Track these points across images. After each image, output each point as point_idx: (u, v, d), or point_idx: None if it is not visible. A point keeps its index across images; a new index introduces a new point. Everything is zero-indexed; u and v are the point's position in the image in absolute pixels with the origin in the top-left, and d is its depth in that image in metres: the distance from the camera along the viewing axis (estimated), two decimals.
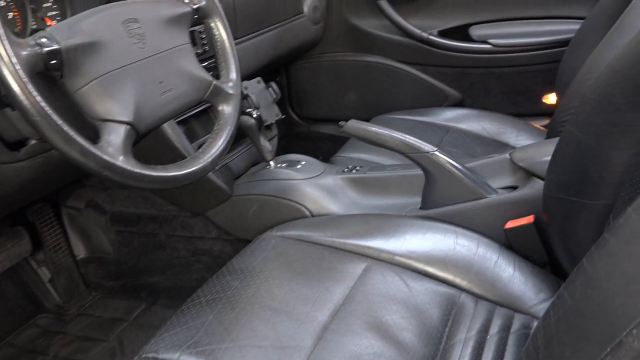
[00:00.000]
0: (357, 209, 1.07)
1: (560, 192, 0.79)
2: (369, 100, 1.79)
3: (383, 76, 1.73)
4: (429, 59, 1.64)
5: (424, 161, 0.97)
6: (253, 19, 1.39)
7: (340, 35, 1.76)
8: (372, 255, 0.91)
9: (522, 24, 1.55)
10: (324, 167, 1.17)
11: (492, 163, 1.00)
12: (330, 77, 1.82)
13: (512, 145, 1.46)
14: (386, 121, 1.54)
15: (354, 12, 1.71)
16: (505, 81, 1.60)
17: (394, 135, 0.98)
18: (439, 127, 1.50)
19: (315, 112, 1.89)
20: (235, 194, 1.16)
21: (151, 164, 0.74)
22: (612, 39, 0.97)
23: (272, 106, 1.25)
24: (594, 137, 0.73)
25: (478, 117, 1.52)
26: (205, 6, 0.87)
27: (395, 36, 1.67)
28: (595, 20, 1.33)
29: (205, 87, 0.82)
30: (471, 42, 1.59)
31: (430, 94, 1.69)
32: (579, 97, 1.00)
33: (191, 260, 1.24)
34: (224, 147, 0.81)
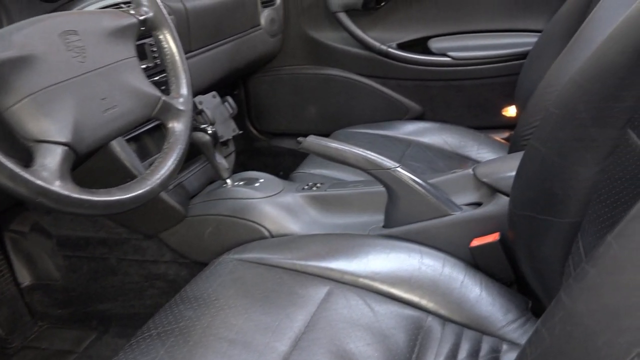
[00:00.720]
0: (318, 228, 1.03)
1: (525, 210, 0.77)
2: (329, 114, 1.75)
3: (342, 89, 1.70)
4: (389, 71, 1.62)
5: (385, 178, 0.94)
6: (208, 31, 1.34)
7: (298, 47, 1.72)
8: (335, 278, 0.87)
9: (480, 37, 1.55)
10: (283, 184, 1.12)
11: (455, 179, 0.98)
12: (289, 91, 1.78)
13: (473, 158, 1.45)
14: (347, 135, 1.51)
15: (312, 24, 1.69)
16: (465, 94, 1.59)
17: (355, 151, 0.94)
18: (401, 141, 1.48)
19: (275, 126, 1.85)
20: (190, 214, 1.10)
21: (99, 185, 0.68)
22: (571, 52, 0.97)
23: (228, 121, 1.20)
24: (558, 153, 0.71)
25: (439, 131, 1.51)
26: (152, 18, 0.81)
27: (354, 49, 1.64)
28: (552, 33, 1.34)
29: (153, 103, 0.77)
30: (431, 54, 1.58)
31: (391, 107, 1.67)
32: (541, 110, 0.99)
33: (144, 285, 1.17)
34: (174, 167, 0.76)
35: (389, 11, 1.61)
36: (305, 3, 1.67)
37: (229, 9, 1.42)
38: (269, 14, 1.62)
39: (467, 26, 1.56)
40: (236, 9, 1.46)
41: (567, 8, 1.30)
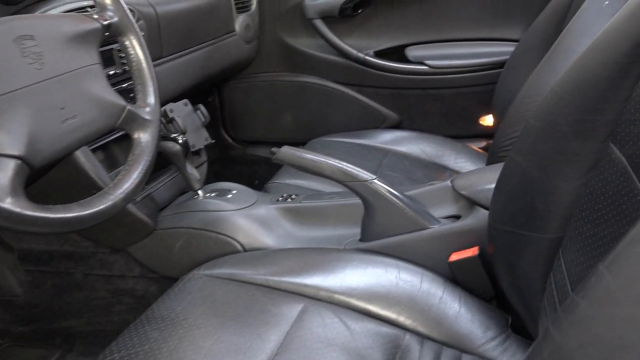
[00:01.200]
0: (293, 241, 1.00)
1: (505, 224, 0.75)
2: (305, 122, 1.72)
3: (319, 97, 1.67)
4: (366, 79, 1.60)
5: (362, 190, 0.91)
6: (180, 36, 1.30)
7: (274, 54, 1.69)
8: (310, 295, 0.83)
9: (458, 46, 1.54)
10: (256, 196, 1.09)
11: (433, 191, 0.96)
12: (264, 98, 1.75)
13: (451, 168, 1.43)
14: (323, 144, 1.48)
15: (288, 31, 1.66)
16: (442, 103, 1.58)
17: (331, 162, 0.91)
18: (378, 150, 1.45)
19: (250, 134, 1.81)
20: (159, 227, 1.05)
21: (62, 198, 0.63)
22: (550, 62, 0.95)
23: (200, 130, 1.16)
24: (538, 166, 0.69)
25: (416, 140, 1.50)
26: (117, 22, 0.77)
27: (330, 56, 1.62)
28: (529, 42, 1.33)
29: (117, 112, 0.73)
30: (408, 63, 1.56)
31: (368, 116, 1.64)
32: (520, 121, 0.97)
33: (111, 301, 1.12)
34: (139, 180, 0.72)
35: (366, 18, 1.58)
36: (282, 9, 1.64)
37: (203, 14, 1.38)
38: (244, 19, 1.59)
39: (444, 34, 1.54)
40: (210, 14, 1.42)
41: (544, 18, 1.29)
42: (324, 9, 1.56)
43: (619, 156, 0.58)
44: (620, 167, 0.57)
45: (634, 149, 0.55)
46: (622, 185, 0.56)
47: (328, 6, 1.55)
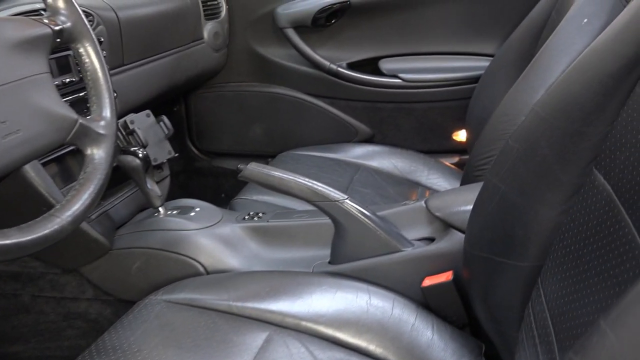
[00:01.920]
0: (259, 263, 0.95)
1: (482, 250, 0.71)
2: (276, 134, 1.67)
3: (290, 109, 1.63)
4: (338, 92, 1.56)
5: (333, 210, 0.87)
6: (144, 43, 1.24)
7: (244, 63, 1.64)
8: (275, 322, 0.78)
9: (432, 59, 1.52)
10: (221, 214, 1.03)
11: (406, 211, 0.92)
12: (233, 108, 1.69)
13: (423, 184, 1.40)
14: (293, 158, 1.44)
15: (258, 39, 1.61)
16: (415, 117, 1.55)
17: (300, 181, 0.86)
18: (349, 165, 1.41)
19: (218, 146, 1.75)
20: (115, 246, 0.99)
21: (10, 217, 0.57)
22: (527, 80, 0.93)
23: (163, 143, 1.10)
24: (518, 191, 0.66)
25: (389, 155, 1.46)
26: (71, 28, 0.71)
27: (302, 67, 1.57)
28: (504, 58, 1.31)
29: (67, 127, 0.67)
30: (381, 75, 1.53)
31: (340, 129, 1.60)
32: (496, 140, 0.94)
33: (62, 325, 1.04)
34: (90, 201, 0.66)
35: (339, 29, 1.55)
36: (252, 17, 1.59)
37: (169, 20, 1.33)
38: (213, 27, 1.53)
39: (418, 48, 1.51)
40: (176, 20, 1.36)
41: (519, 33, 1.27)
42: (296, 18, 1.52)
43: (603, 183, 0.55)
44: (605, 195, 0.54)
45: (620, 177, 0.52)
46: (608, 216, 0.53)
47: (300, 15, 1.51)
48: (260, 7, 1.56)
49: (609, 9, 0.87)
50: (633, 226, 0.48)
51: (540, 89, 0.90)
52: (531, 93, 0.90)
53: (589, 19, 0.88)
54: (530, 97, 0.90)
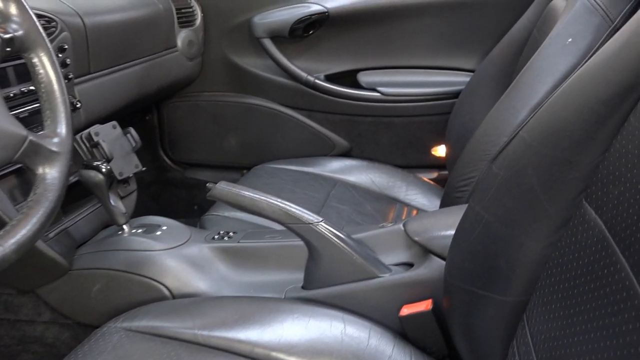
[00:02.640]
0: (228, 287, 0.89)
1: (464, 282, 0.67)
2: (251, 146, 1.62)
3: (266, 120, 1.58)
4: (316, 104, 1.52)
5: (306, 233, 0.82)
6: (112, 51, 1.18)
7: (219, 73, 1.59)
8: (244, 352, 0.73)
9: (412, 73, 1.48)
10: (189, 232, 0.98)
11: (384, 235, 0.88)
12: (208, 119, 1.64)
13: (402, 200, 1.37)
14: (268, 171, 1.39)
15: (234, 49, 1.56)
16: (394, 131, 1.52)
17: (272, 202, 0.82)
18: (326, 180, 1.37)
19: (191, 156, 1.69)
20: (75, 267, 0.93)
21: None
22: (510, 100, 0.90)
23: (130, 156, 1.04)
24: (502, 221, 0.62)
25: (366, 169, 1.43)
26: (23, 36, 0.66)
27: (279, 78, 1.53)
28: (484, 74, 1.28)
29: (15, 144, 0.61)
30: (360, 89, 1.49)
31: (317, 142, 1.56)
32: (477, 161, 0.91)
33: (16, 349, 0.98)
34: (38, 226, 0.60)
35: (317, 40, 1.51)
36: (228, 26, 1.54)
37: (140, 27, 1.27)
38: (187, 35, 1.48)
39: (398, 61, 1.48)
40: (148, 28, 1.31)
41: (500, 50, 1.25)
42: (273, 28, 1.47)
43: (595, 218, 0.51)
44: (597, 232, 0.50)
45: (613, 214, 0.48)
46: (600, 255, 0.49)
47: (277, 25, 1.47)
48: (237, 16, 1.51)
49: (593, 28, 0.85)
50: (631, 271, 0.44)
51: (523, 109, 0.87)
52: (514, 113, 0.87)
53: (573, 39, 0.85)
54: (513, 118, 0.87)
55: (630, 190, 0.47)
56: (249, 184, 1.33)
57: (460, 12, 1.40)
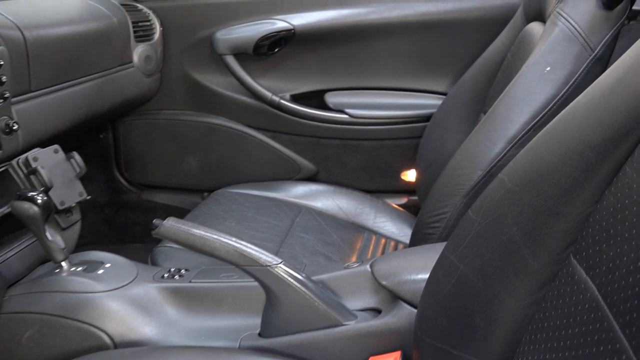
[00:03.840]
0: (178, 333, 0.81)
1: (436, 339, 0.60)
2: (212, 168, 1.54)
3: (228, 141, 1.50)
4: (280, 125, 1.45)
5: (264, 277, 0.74)
6: (57, 67, 1.08)
7: (179, 90, 1.50)
8: None
9: (381, 95, 1.42)
10: (136, 270, 0.89)
11: (349, 277, 0.80)
12: (166, 138, 1.55)
13: (370, 227, 1.31)
14: (229, 196, 1.31)
15: (196, 65, 1.47)
16: (362, 155, 1.45)
17: (225, 241, 0.74)
18: (290, 206, 1.30)
19: (148, 178, 1.60)
20: (4, 310, 0.82)
21: None
22: (485, 131, 0.84)
23: (73, 183, 0.95)
24: (479, 274, 0.55)
25: (333, 195, 1.36)
26: None
27: (242, 97, 1.45)
28: (456, 98, 1.23)
29: None
30: (327, 110, 1.43)
31: (282, 165, 1.49)
32: (450, 196, 0.84)
33: None
34: None
35: (283, 58, 1.44)
36: (189, 41, 1.46)
37: (90, 41, 1.18)
38: (144, 50, 1.39)
39: (367, 82, 1.42)
40: (100, 42, 1.22)
41: (472, 74, 1.20)
42: (236, 44, 1.40)
43: (585, 280, 0.45)
44: (588, 295, 0.44)
45: (608, 279, 0.42)
46: (590, 320, 0.43)
47: (241, 42, 1.39)
48: (198, 31, 1.43)
49: (573, 57, 0.80)
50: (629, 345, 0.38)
51: (499, 141, 0.81)
52: (489, 145, 0.82)
53: (552, 67, 0.80)
54: (487, 150, 0.82)
55: (629, 254, 0.41)
56: (208, 210, 1.24)
57: (432, 33, 1.35)
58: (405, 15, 1.33)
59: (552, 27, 0.83)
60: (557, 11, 0.84)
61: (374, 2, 1.34)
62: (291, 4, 1.37)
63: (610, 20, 0.79)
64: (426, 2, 1.31)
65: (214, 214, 1.22)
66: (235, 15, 1.40)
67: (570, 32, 0.80)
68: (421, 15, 1.32)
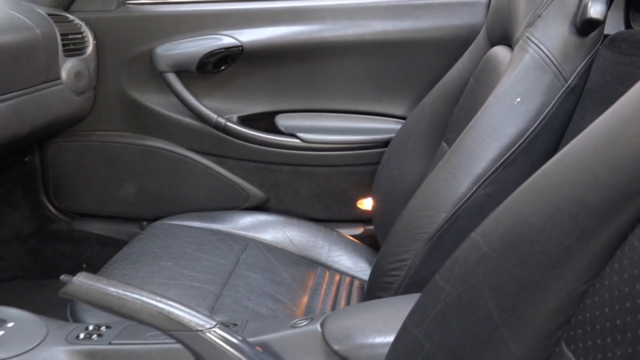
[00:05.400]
0: None
1: None
2: (151, 195, 1.41)
3: (169, 166, 1.37)
4: (227, 149, 1.33)
5: (194, 343, 0.62)
6: None
7: (115, 110, 1.37)
8: None
9: (336, 118, 1.33)
10: (45, 329, 0.75)
11: (296, 338, 0.69)
12: (101, 162, 1.41)
13: (323, 262, 1.20)
14: (168, 230, 1.18)
15: (134, 83, 1.34)
16: (316, 182, 1.35)
17: (148, 302, 0.61)
18: (236, 240, 1.18)
19: (80, 205, 1.45)
20: None
21: None
22: (449, 168, 0.75)
23: None
24: (451, 357, 0.45)
25: (284, 225, 1.25)
26: None
27: (185, 118, 1.33)
28: (415, 124, 1.15)
29: None
30: (278, 134, 1.32)
31: (228, 193, 1.37)
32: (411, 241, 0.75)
33: None
34: None
35: (230, 78, 1.32)
36: (127, 56, 1.33)
37: (7, 56, 1.04)
38: (74, 65, 1.25)
39: (321, 104, 1.32)
40: (19, 56, 1.08)
41: (432, 98, 1.12)
42: (178, 61, 1.28)
43: None
44: None
45: None
46: None
47: (184, 58, 1.27)
48: (137, 45, 1.31)
49: (545, 87, 0.72)
50: None
51: (464, 180, 0.72)
52: (454, 184, 0.73)
53: (522, 98, 0.72)
54: (453, 190, 0.73)
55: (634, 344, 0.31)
56: (143, 247, 1.11)
57: (389, 53, 1.26)
58: (362, 33, 1.24)
59: (522, 53, 0.75)
60: (526, 36, 0.76)
61: (328, 19, 1.25)
62: (239, 18, 1.26)
63: (584, 47, 0.72)
64: (383, 21, 1.22)
65: (149, 251, 1.09)
66: (177, 29, 1.28)
67: (542, 60, 0.73)
68: (378, 34, 1.24)
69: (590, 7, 0.68)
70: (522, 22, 0.78)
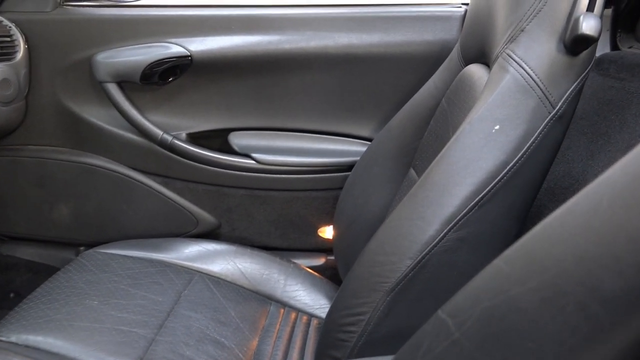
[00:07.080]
0: None
1: None
2: (89, 218, 1.26)
3: (109, 186, 1.23)
4: (174, 170, 1.20)
5: None
6: None
7: (49, 123, 1.22)
8: None
9: (296, 138, 1.21)
10: None
11: None
12: (33, 180, 1.26)
13: (278, 298, 1.09)
14: (100, 261, 1.04)
15: (71, 93, 1.20)
16: (272, 207, 1.23)
17: None
18: (179, 273, 1.05)
19: (8, 228, 1.30)
20: None
21: None
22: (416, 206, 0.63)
23: None
24: None
25: (235, 255, 1.13)
26: None
27: (127, 134, 1.19)
28: (381, 147, 1.04)
29: None
30: (231, 154, 1.19)
31: (175, 217, 1.23)
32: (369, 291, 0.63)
33: None
34: None
35: (178, 90, 1.19)
36: (63, 63, 1.19)
37: None
38: (1, 71, 1.11)
39: (279, 122, 1.20)
40: None
41: (400, 120, 1.01)
42: (120, 70, 1.14)
43: None
44: None
45: None
46: None
47: (126, 68, 1.14)
48: (75, 51, 1.17)
49: (528, 114, 0.61)
50: None
51: (433, 221, 0.61)
52: (421, 226, 0.61)
53: (501, 126, 0.61)
54: (419, 232, 0.61)
55: None
56: (68, 281, 0.97)
57: (355, 68, 1.15)
58: (325, 46, 1.13)
59: (501, 72, 0.65)
60: (506, 52, 0.65)
61: (288, 29, 1.13)
62: (189, 26, 1.13)
63: (574, 68, 0.62)
64: (348, 33, 1.11)
65: (74, 287, 0.95)
66: (120, 35, 1.14)
67: (525, 81, 0.62)
68: (343, 47, 1.12)
69: (582, 22, 0.58)
70: (502, 37, 0.68)
